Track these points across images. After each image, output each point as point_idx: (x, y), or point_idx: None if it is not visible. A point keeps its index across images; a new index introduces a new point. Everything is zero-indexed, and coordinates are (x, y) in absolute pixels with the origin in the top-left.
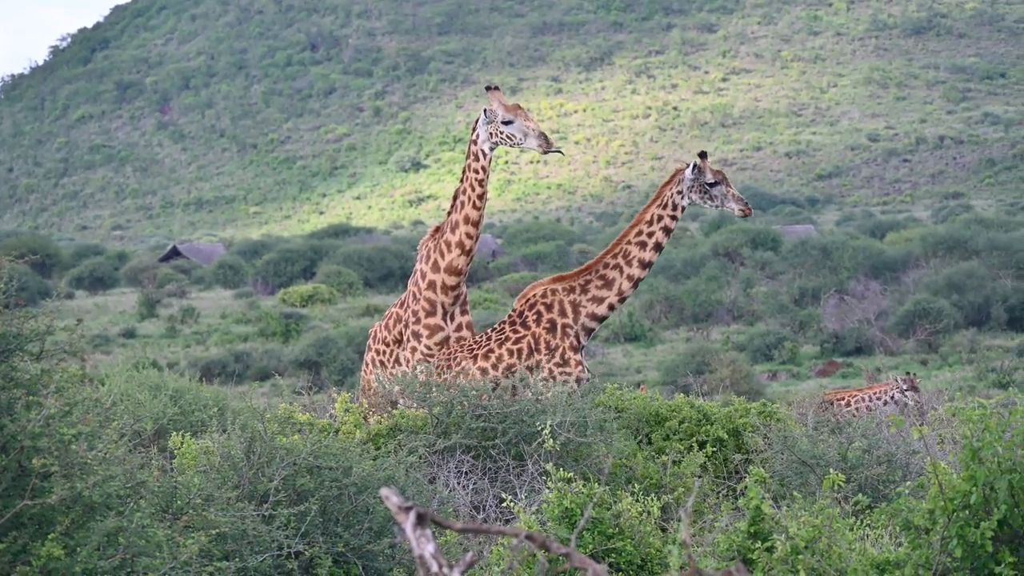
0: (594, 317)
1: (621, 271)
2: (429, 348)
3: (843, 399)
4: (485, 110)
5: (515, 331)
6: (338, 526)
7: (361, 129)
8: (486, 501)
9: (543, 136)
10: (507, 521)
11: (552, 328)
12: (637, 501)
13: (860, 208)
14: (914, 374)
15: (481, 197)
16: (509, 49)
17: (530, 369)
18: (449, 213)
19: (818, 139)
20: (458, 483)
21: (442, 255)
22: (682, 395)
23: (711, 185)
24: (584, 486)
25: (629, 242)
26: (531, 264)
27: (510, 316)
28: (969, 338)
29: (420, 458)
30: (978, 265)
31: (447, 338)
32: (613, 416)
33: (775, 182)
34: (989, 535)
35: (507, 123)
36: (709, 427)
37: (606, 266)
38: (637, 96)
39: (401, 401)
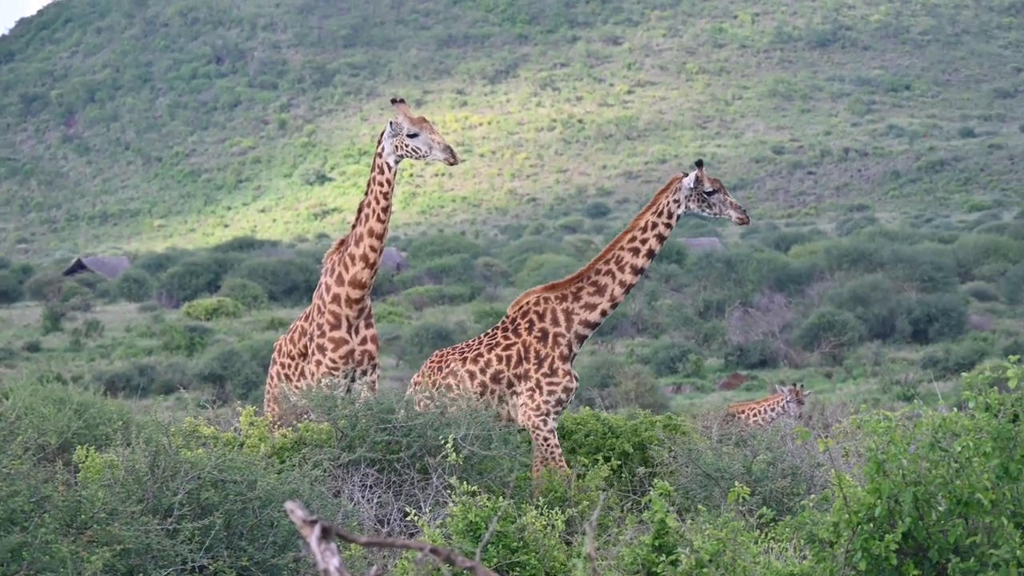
0: (587, 324)
1: (614, 277)
2: (334, 361)
3: (743, 412)
4: (391, 123)
5: (506, 337)
6: (242, 540)
7: (266, 142)
8: (391, 515)
9: (448, 149)
10: (412, 535)
11: (543, 337)
12: (542, 515)
13: (765, 221)
14: (801, 386)
15: (386, 210)
16: (414, 62)
17: (518, 377)
18: (354, 226)
19: (723, 151)
20: (363, 497)
21: (347, 268)
22: (587, 408)
23: (709, 194)
24: (489, 500)
25: (622, 248)
26: (436, 277)
27: (502, 323)
28: (874, 351)
29: (325, 472)
30: (882, 278)
31: (352, 351)
32: (518, 429)
33: None
34: (894, 548)
35: (413, 136)
36: (614, 440)
37: (598, 272)
38: (542, 109)
39: (306, 414)
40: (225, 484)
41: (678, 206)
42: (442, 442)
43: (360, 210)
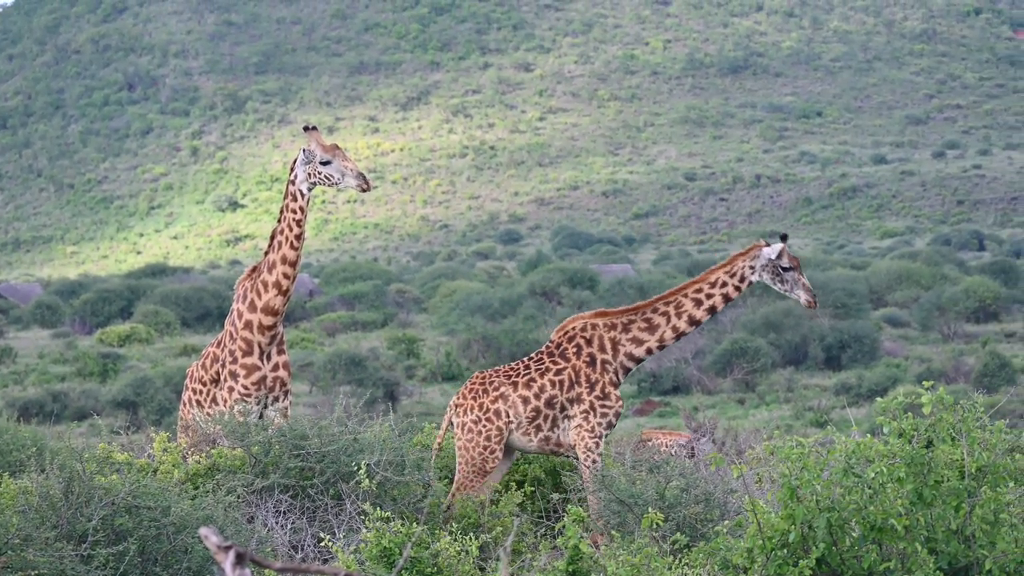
0: (631, 358)
1: (668, 320)
2: (246, 388)
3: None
4: (303, 150)
5: (555, 362)
6: (157, 566)
7: (178, 169)
8: (304, 540)
9: (361, 176)
10: (326, 561)
11: (592, 362)
12: (455, 540)
13: (677, 247)
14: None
15: (299, 237)
16: (326, 88)
17: (571, 401)
18: (266, 253)
19: (635, 178)
20: (276, 522)
21: (259, 295)
22: None
23: (785, 269)
24: (402, 525)
25: (686, 295)
26: (348, 304)
27: (547, 347)
28: (786, 377)
29: (238, 498)
30: (795, 304)
31: (264, 378)
32: (431, 455)
33: (592, 221)
34: (808, 573)
35: (325, 163)
36: (527, 466)
37: (655, 311)
38: (454, 135)
39: (220, 440)
40: (139, 510)
41: (752, 272)
42: (355, 468)
43: (273, 237)
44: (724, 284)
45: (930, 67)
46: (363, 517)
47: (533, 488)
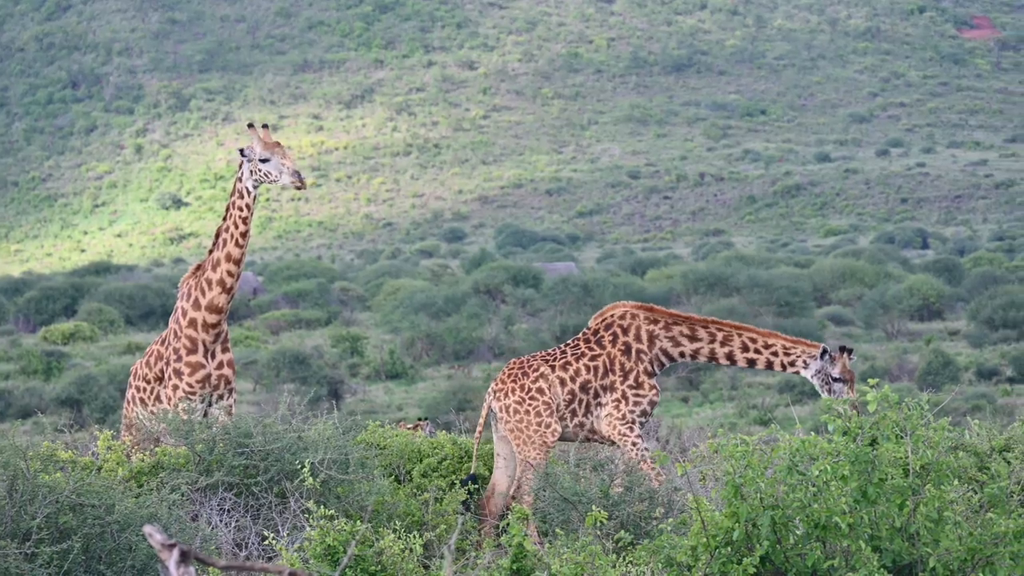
0: (666, 354)
1: (711, 341)
2: (191, 386)
3: None
4: (241, 149)
5: (590, 348)
6: (101, 564)
7: (122, 167)
8: (248, 538)
9: (297, 174)
10: (270, 559)
11: (627, 351)
12: (399, 538)
13: (621, 245)
14: (427, 419)
15: (244, 235)
16: (270, 87)
17: (604, 389)
18: (211, 251)
19: (579, 176)
20: (221, 521)
21: (203, 293)
22: (444, 432)
23: (834, 380)
24: (346, 524)
25: (740, 334)
26: (292, 302)
27: (584, 334)
28: (730, 375)
29: (183, 496)
30: (739, 302)
31: (208, 376)
32: (375, 453)
33: (536, 219)
34: (752, 571)
35: (264, 161)
36: (471, 464)
37: (704, 326)
38: (398, 133)
39: (164, 438)
40: (83, 508)
41: (805, 367)
42: (299, 466)
43: (218, 235)
44: (775, 353)
45: (874, 65)
46: (307, 515)
47: (477, 486)
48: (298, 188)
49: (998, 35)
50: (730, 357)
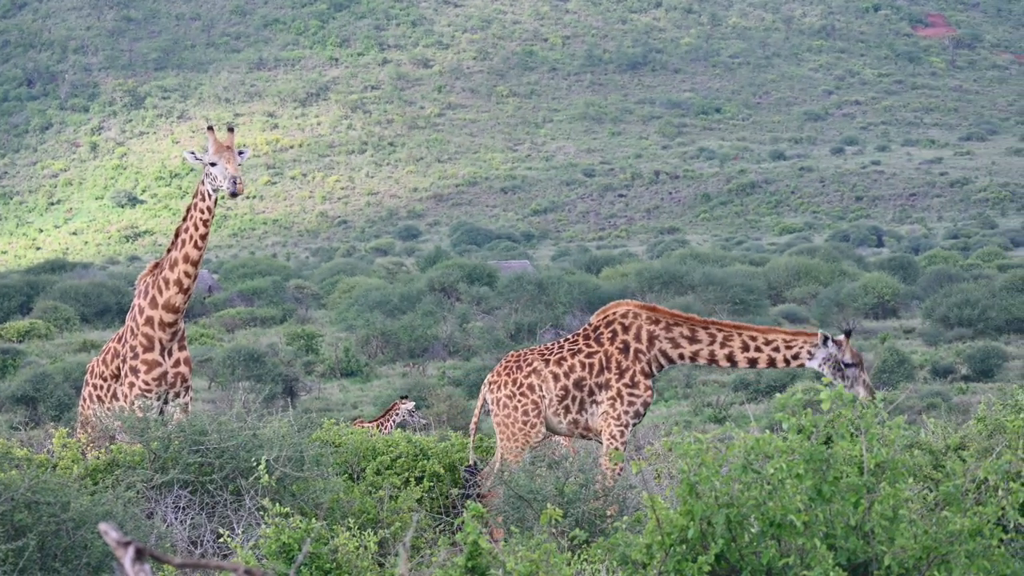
0: (665, 355)
1: (712, 342)
2: (147, 383)
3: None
4: (193, 152)
5: (588, 345)
6: (56, 561)
7: (78, 164)
8: (204, 536)
9: (232, 179)
10: (225, 556)
11: (625, 349)
12: (354, 536)
13: (576, 243)
14: (407, 397)
15: (204, 237)
16: (225, 84)
17: (599, 386)
18: (169, 250)
19: (533, 174)
20: (176, 518)
21: (160, 292)
22: (398, 430)
23: (847, 365)
24: (301, 521)
25: (740, 333)
26: (247, 299)
27: (584, 330)
28: (685, 372)
29: (138, 493)
30: (694, 300)
31: (164, 374)
32: (330, 451)
33: (491, 217)
34: (707, 570)
35: (212, 164)
36: (425, 462)
37: (705, 328)
38: (353, 131)
39: (119, 436)
40: (39, 505)
41: (810, 358)
42: (255, 464)
43: (177, 235)
44: (776, 349)
45: (829, 63)
46: (262, 513)
47: (431, 483)
48: (232, 196)
49: (953, 33)
50: (730, 358)
